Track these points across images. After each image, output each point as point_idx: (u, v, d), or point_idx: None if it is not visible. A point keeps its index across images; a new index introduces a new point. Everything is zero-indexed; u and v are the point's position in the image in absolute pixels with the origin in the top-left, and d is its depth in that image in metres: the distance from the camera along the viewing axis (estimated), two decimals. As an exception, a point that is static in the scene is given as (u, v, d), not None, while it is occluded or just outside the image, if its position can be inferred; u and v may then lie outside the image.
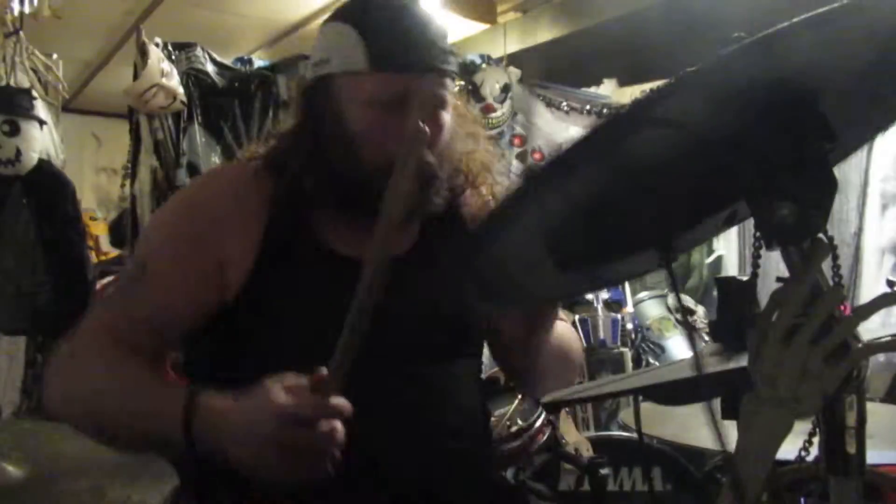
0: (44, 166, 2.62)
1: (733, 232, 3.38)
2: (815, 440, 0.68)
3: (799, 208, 0.61)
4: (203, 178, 1.41)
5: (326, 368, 0.91)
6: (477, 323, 1.22)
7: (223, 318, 1.11)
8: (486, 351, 1.32)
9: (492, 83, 3.52)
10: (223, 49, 3.23)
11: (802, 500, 1.11)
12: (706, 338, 2.87)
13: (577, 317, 3.09)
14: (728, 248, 3.48)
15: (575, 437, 1.83)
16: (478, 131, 1.27)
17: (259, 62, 3.21)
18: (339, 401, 0.91)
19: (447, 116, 1.14)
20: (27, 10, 2.65)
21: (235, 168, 1.23)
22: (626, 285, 3.23)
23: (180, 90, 2.81)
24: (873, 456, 0.67)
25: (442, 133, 1.13)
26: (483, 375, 1.40)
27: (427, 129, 1.07)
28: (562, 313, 1.37)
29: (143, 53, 2.73)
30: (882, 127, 0.75)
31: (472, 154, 1.23)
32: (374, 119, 1.08)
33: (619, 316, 3.18)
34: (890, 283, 2.58)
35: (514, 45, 3.90)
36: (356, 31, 1.08)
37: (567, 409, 1.96)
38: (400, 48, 1.07)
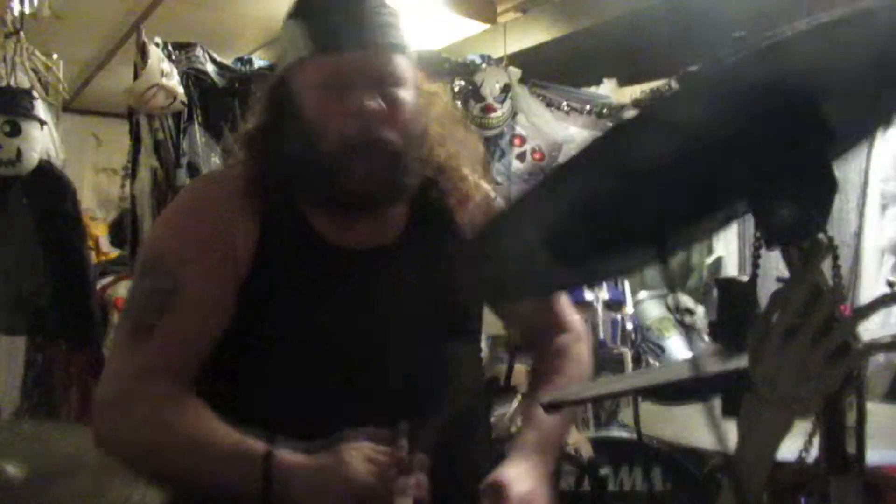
0: (44, 167, 2.62)
1: (733, 232, 3.38)
2: (815, 440, 0.68)
3: (799, 208, 0.61)
4: (202, 181, 1.41)
5: (408, 435, 0.97)
6: (469, 307, 1.23)
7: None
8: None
9: (492, 83, 3.52)
10: (223, 49, 3.23)
11: (802, 500, 1.11)
12: (706, 338, 2.87)
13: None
14: (728, 249, 3.48)
15: (575, 437, 1.83)
16: (457, 116, 1.26)
17: (259, 62, 3.21)
18: (419, 479, 0.95)
19: (407, 94, 1.12)
20: (27, 10, 2.65)
21: (230, 170, 1.23)
22: (627, 285, 3.22)
23: (180, 90, 2.81)
24: (873, 456, 0.67)
25: (401, 110, 1.10)
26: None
27: (378, 105, 1.07)
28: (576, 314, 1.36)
29: (143, 53, 2.73)
30: (882, 127, 0.75)
31: (452, 143, 1.23)
32: (322, 102, 1.09)
33: (618, 316, 3.18)
34: (890, 284, 2.59)
35: (514, 45, 3.90)
36: (299, 21, 1.10)
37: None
38: (337, 28, 1.08)
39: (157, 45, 2.80)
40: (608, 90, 3.83)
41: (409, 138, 1.11)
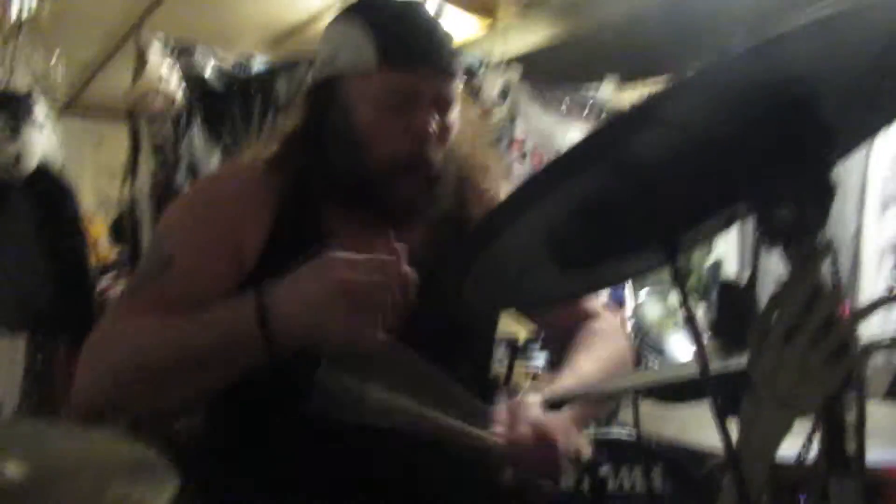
0: (44, 169, 2.62)
1: (733, 232, 3.38)
2: (815, 440, 0.68)
3: (799, 209, 0.61)
4: (215, 174, 1.41)
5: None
6: (482, 324, 1.22)
7: None
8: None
9: (491, 84, 3.52)
10: (223, 49, 3.23)
11: (802, 499, 1.11)
12: (707, 338, 2.86)
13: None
14: (728, 249, 3.48)
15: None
16: (481, 134, 1.27)
17: (259, 62, 3.20)
18: (406, 268, 0.94)
19: (454, 117, 1.14)
20: (27, 11, 2.65)
21: (245, 165, 1.23)
22: (627, 285, 3.23)
23: (179, 93, 2.81)
24: (873, 456, 0.67)
25: (448, 133, 1.13)
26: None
27: (434, 129, 1.08)
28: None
29: (142, 55, 2.74)
30: (881, 127, 0.75)
31: (475, 158, 1.23)
32: (381, 117, 1.08)
33: (619, 317, 3.18)
34: (890, 288, 2.59)
35: (514, 45, 3.90)
36: (366, 29, 1.08)
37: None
38: (410, 46, 1.08)
39: (158, 41, 2.79)
40: (608, 90, 3.83)
41: (448, 161, 1.13)
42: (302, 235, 1.11)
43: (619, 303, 3.22)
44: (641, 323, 3.28)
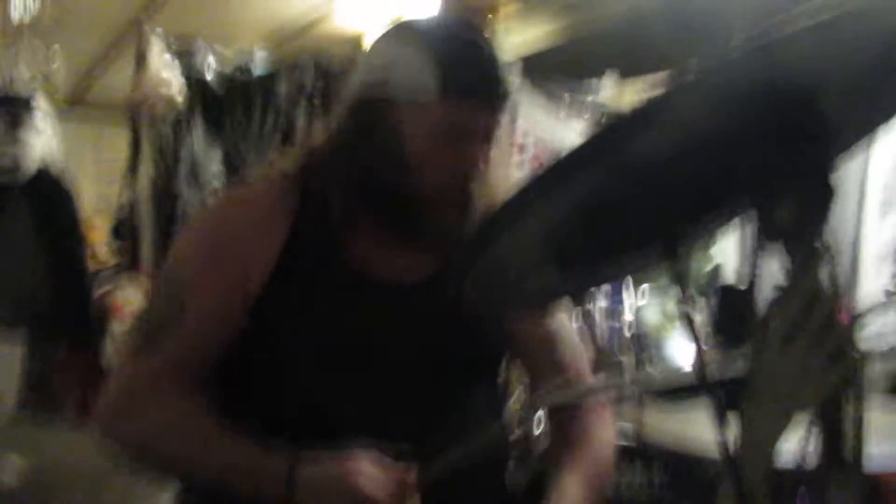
0: (44, 172, 2.62)
1: (732, 237, 3.37)
2: (815, 440, 0.68)
3: (798, 210, 0.61)
4: (226, 199, 1.40)
5: (415, 469, 0.98)
6: (495, 345, 1.21)
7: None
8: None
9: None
10: (224, 47, 3.23)
11: (801, 499, 1.11)
12: (706, 341, 2.86)
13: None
14: (727, 253, 3.48)
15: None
16: (507, 163, 1.27)
17: (259, 59, 3.20)
18: None
19: (495, 149, 1.12)
20: (28, 15, 2.66)
21: (258, 186, 1.22)
22: (627, 287, 3.22)
23: (180, 94, 2.81)
24: (873, 456, 0.67)
25: (488, 164, 1.11)
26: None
27: (481, 160, 1.08)
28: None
29: (143, 55, 2.74)
30: (881, 127, 0.75)
31: (502, 187, 1.22)
32: (435, 146, 1.07)
33: (617, 322, 3.17)
34: (889, 293, 2.59)
35: (514, 43, 3.90)
36: (427, 55, 1.05)
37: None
38: (473, 78, 1.06)
39: (159, 41, 2.79)
40: (608, 88, 3.83)
41: (481, 188, 1.11)
42: (316, 253, 1.11)
43: (617, 308, 3.21)
44: (641, 326, 3.28)
